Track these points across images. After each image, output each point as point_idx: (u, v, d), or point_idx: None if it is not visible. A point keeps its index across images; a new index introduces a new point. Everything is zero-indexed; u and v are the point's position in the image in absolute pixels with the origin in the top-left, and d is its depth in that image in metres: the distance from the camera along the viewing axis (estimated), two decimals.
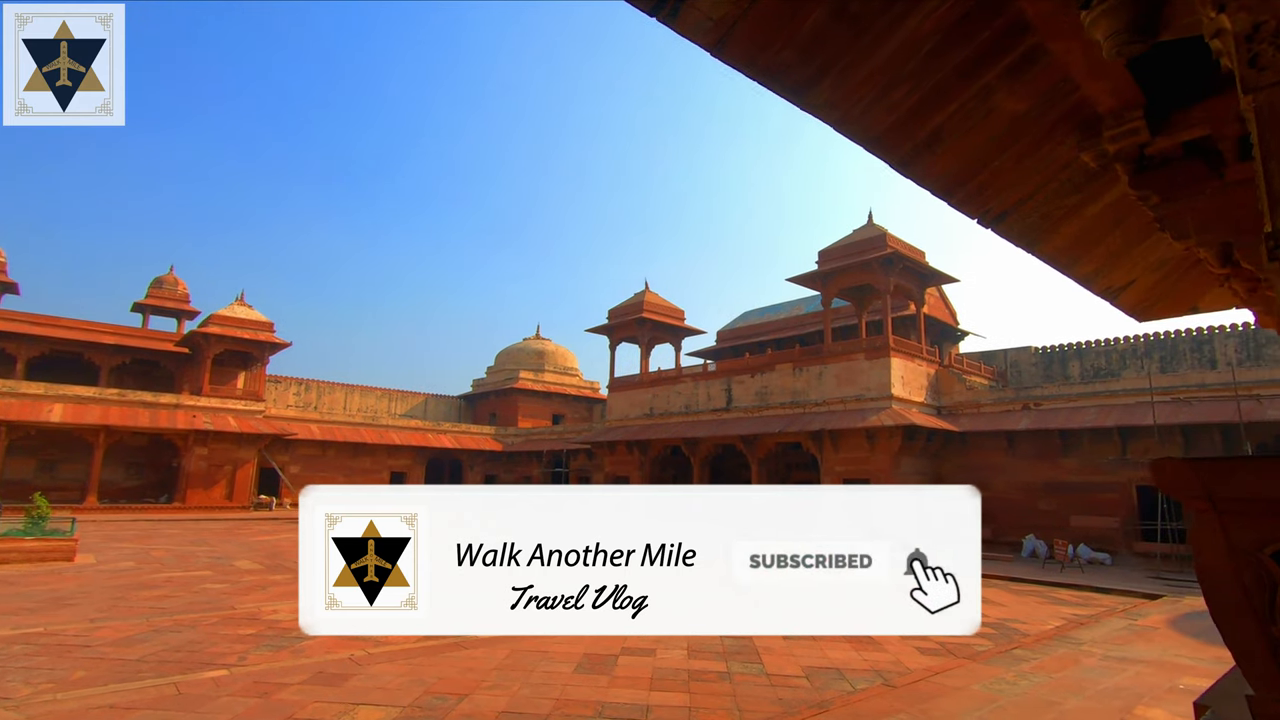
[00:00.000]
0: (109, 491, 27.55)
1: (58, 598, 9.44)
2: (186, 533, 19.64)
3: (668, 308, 30.48)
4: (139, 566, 12.62)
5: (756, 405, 24.32)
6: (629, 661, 6.87)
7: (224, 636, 7.43)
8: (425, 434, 36.72)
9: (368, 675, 6.11)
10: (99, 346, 30.27)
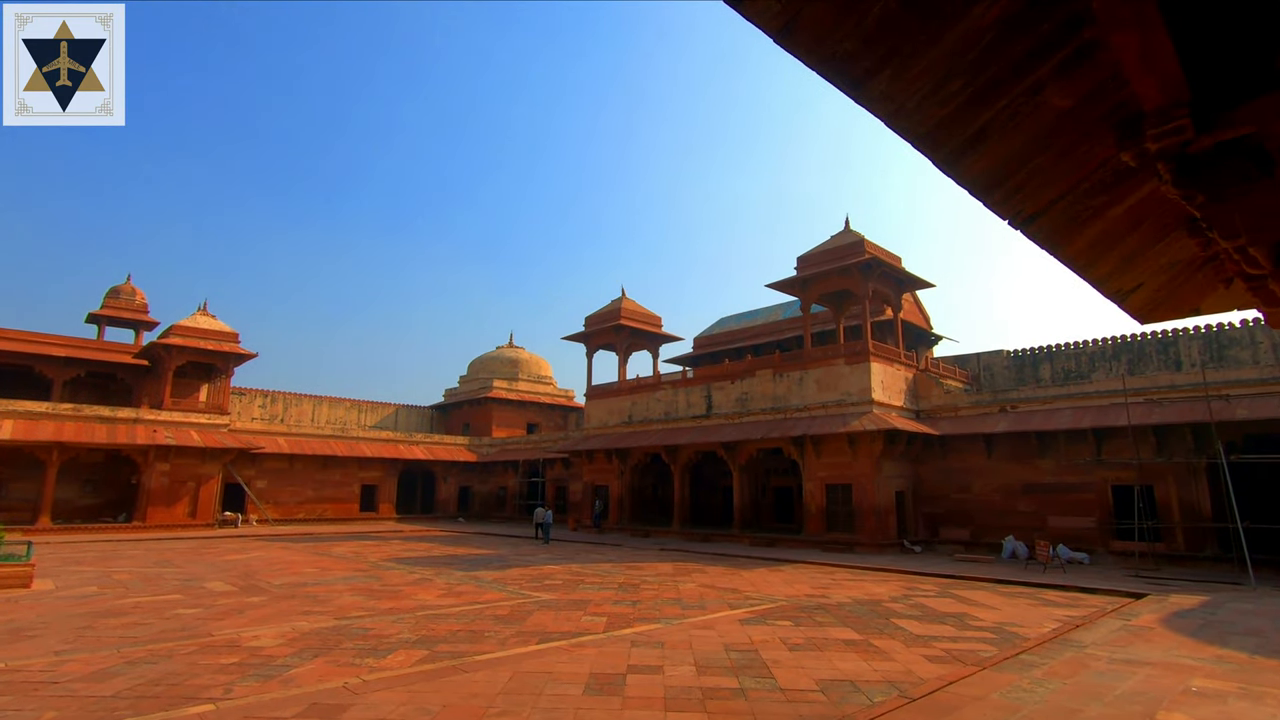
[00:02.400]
0: (63, 511, 26.27)
1: (16, 629, 8.81)
2: (150, 553, 18.76)
3: (645, 314, 30.34)
4: (103, 591, 11.94)
5: (737, 411, 24.26)
6: (638, 680, 6.63)
7: (205, 666, 6.98)
8: (397, 445, 35.92)
9: (366, 705, 5.76)
10: (50, 359, 28.94)
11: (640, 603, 11.24)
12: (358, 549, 20.61)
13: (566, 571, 15.38)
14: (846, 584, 13.79)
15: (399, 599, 11.45)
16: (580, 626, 9.24)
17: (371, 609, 10.49)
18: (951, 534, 20.39)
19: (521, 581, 13.71)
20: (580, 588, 12.91)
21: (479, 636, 8.53)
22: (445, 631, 8.81)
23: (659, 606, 10.89)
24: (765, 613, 10.44)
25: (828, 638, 8.66)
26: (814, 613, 10.47)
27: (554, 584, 13.38)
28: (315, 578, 14.00)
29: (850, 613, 10.49)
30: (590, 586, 13.08)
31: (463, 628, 9.08)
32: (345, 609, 10.45)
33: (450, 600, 11.36)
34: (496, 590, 12.53)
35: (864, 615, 10.28)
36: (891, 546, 19.58)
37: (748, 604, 11.23)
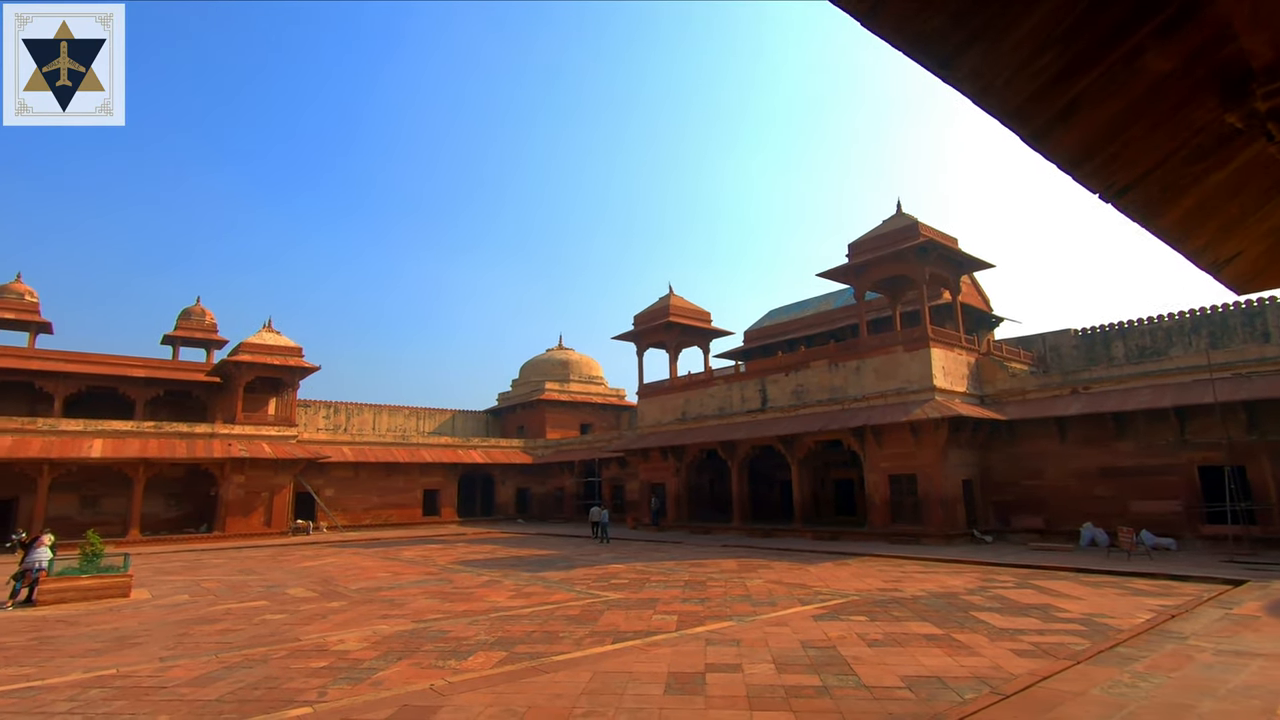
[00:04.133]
0: (150, 523, 27.76)
1: (122, 637, 9.34)
2: (231, 562, 19.65)
3: (694, 310, 30.21)
4: (194, 600, 12.55)
5: (793, 404, 23.93)
6: (718, 680, 6.59)
7: (297, 670, 7.25)
8: (455, 450, 36.72)
9: (455, 707, 5.89)
10: (132, 380, 30.58)
11: (709, 600, 11.19)
12: (425, 553, 21.14)
13: (631, 570, 15.44)
14: (918, 577, 13.45)
15: (472, 601, 11.69)
16: (652, 625, 9.25)
17: (447, 611, 10.73)
18: (1024, 522, 19.68)
19: (588, 581, 13.82)
20: (647, 586, 12.94)
21: (554, 637, 8.63)
22: (521, 633, 8.94)
23: (729, 604, 10.83)
24: (838, 608, 10.26)
25: (907, 633, 8.45)
26: (889, 607, 10.23)
27: (620, 583, 13.44)
28: (389, 582, 14.41)
29: (927, 606, 10.22)
30: (657, 585, 13.09)
31: (537, 628, 9.20)
32: (421, 612, 10.72)
33: (521, 601, 11.53)
34: (565, 591, 12.66)
35: (941, 609, 10.00)
36: (960, 537, 19.01)
37: (819, 599, 11.06)
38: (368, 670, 7.20)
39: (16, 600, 12.09)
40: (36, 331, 30.25)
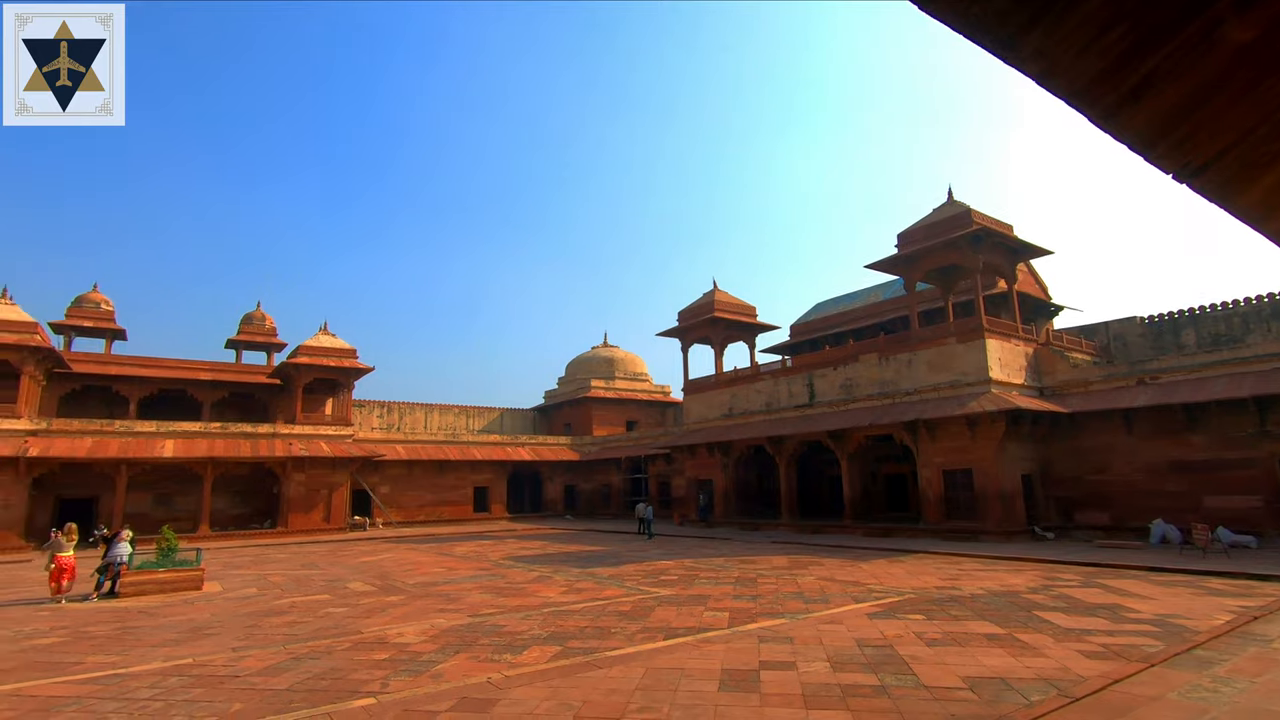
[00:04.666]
0: (218, 520, 29.05)
1: (197, 627, 9.81)
2: (294, 557, 20.41)
3: (739, 305, 29.98)
4: (262, 593, 13.09)
5: (842, 399, 23.54)
6: (772, 677, 6.54)
7: (360, 662, 7.49)
8: (505, 448, 37.32)
9: (512, 701, 5.99)
10: (200, 383, 32.02)
11: (760, 597, 11.11)
12: (477, 549, 21.57)
13: (680, 567, 15.44)
14: (977, 574, 13.08)
15: (524, 596, 11.88)
16: (704, 622, 9.24)
17: (501, 606, 10.93)
18: (1088, 518, 18.93)
19: (638, 578, 13.88)
20: (697, 583, 12.92)
21: (606, 633, 8.70)
22: (574, 628, 9.04)
23: (780, 601, 10.73)
24: (893, 606, 10.06)
25: (967, 632, 8.23)
26: (947, 605, 9.98)
27: (670, 580, 13.46)
28: (444, 577, 14.75)
29: (987, 605, 9.93)
30: (706, 581, 13.06)
31: (589, 624, 9.28)
32: (476, 607, 10.94)
33: (573, 597, 11.66)
34: (615, 586, 12.74)
35: (1003, 608, 9.70)
36: (1020, 534, 18.40)
37: (873, 597, 10.87)
38: (427, 663, 7.39)
39: (101, 592, 12.82)
40: (112, 338, 31.97)
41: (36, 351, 25.30)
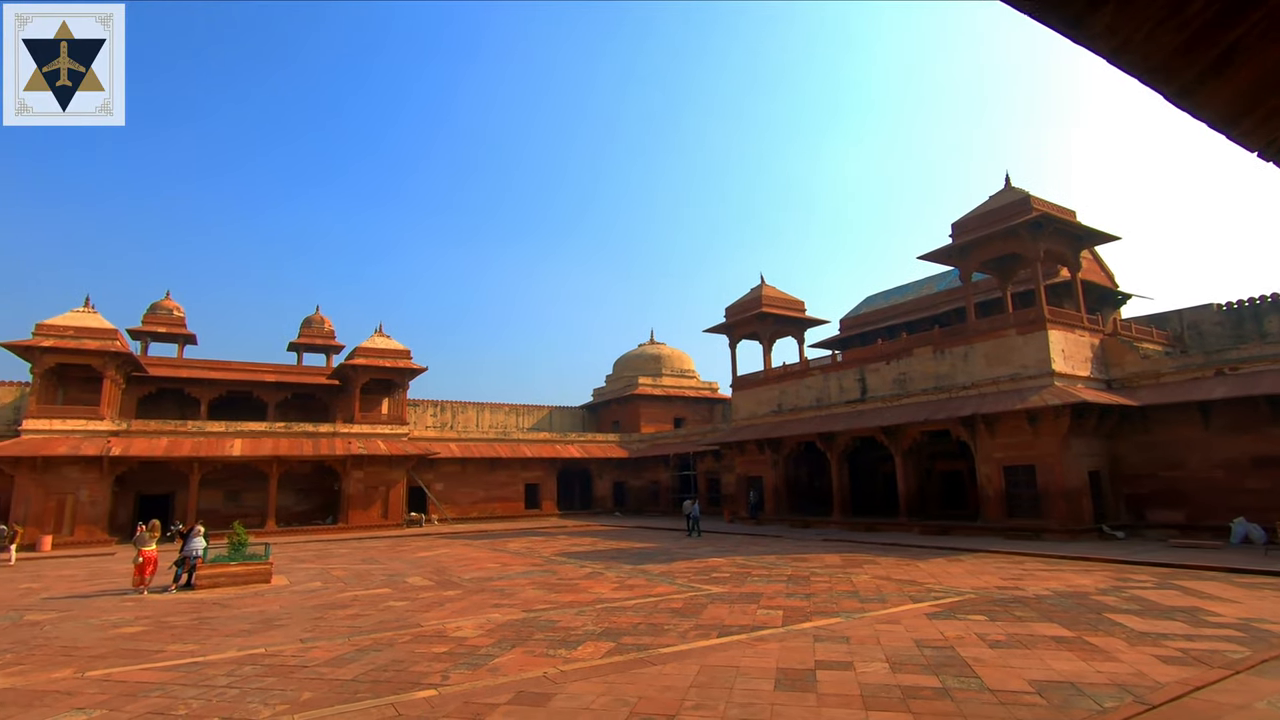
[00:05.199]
0: (283, 516, 30.26)
1: (267, 619, 10.25)
2: (355, 552, 21.11)
3: (787, 300, 29.59)
4: (326, 586, 13.59)
5: (895, 394, 23.00)
6: (829, 677, 6.44)
7: (421, 655, 7.70)
8: (554, 445, 37.77)
9: (569, 695, 6.07)
10: (264, 385, 33.41)
11: (814, 596, 10.96)
12: (529, 545, 21.90)
13: (731, 564, 15.36)
14: (1041, 574, 12.61)
15: (577, 593, 12.00)
16: (757, 620, 9.17)
17: (554, 602, 11.08)
18: (1161, 517, 18.03)
19: (689, 575, 13.87)
20: (749, 580, 12.83)
21: (659, 630, 8.72)
22: (626, 624, 9.10)
23: (835, 600, 10.56)
24: (953, 606, 9.79)
25: (1033, 634, 7.95)
26: (1010, 606, 9.66)
27: (721, 577, 13.40)
28: (498, 573, 15.04)
29: (1053, 606, 9.57)
30: (758, 579, 12.96)
31: (642, 620, 9.33)
32: (530, 602, 11.12)
33: (624, 594, 11.73)
34: (666, 584, 12.76)
35: (1070, 609, 9.33)
36: (1087, 533, 17.65)
37: (931, 597, 10.60)
38: (484, 656, 7.55)
39: (179, 584, 13.52)
40: (183, 343, 33.62)
41: (117, 357, 26.80)
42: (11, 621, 10.60)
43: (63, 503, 24.75)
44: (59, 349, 25.66)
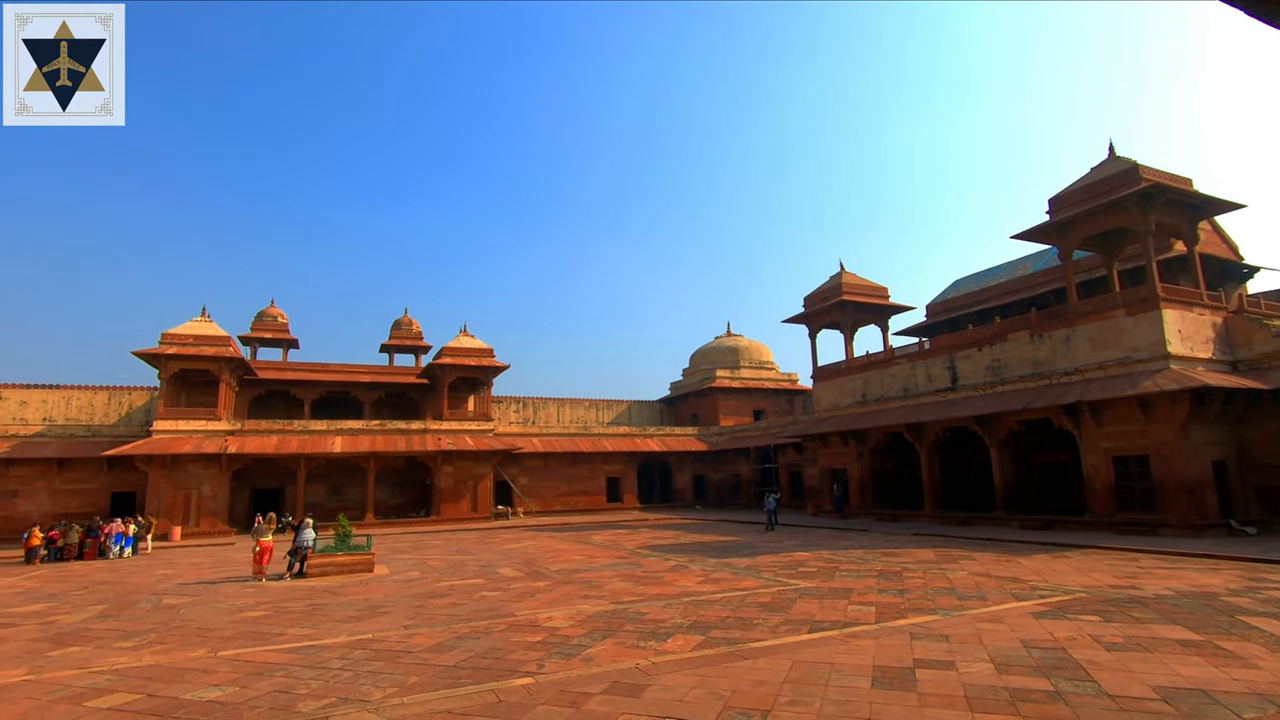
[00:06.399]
0: (381, 509, 31.94)
1: (372, 606, 10.85)
2: (448, 543, 22.02)
3: (869, 287, 28.65)
4: (423, 576, 14.25)
5: (989, 381, 21.88)
6: (929, 676, 6.22)
7: (516, 644, 7.96)
8: (634, 439, 38.11)
9: (662, 687, 6.13)
10: (360, 385, 35.32)
11: (908, 592, 10.61)
12: (613, 537, 22.21)
13: (818, 558, 15.07)
14: (1160, 573, 11.72)
15: (663, 585, 12.09)
16: (849, 616, 8.96)
17: (641, 594, 11.20)
18: None
19: (775, 569, 13.70)
20: (838, 575, 12.56)
21: (748, 624, 8.67)
22: (715, 618, 9.09)
23: (931, 596, 10.18)
24: (1062, 605, 9.25)
25: (1154, 637, 7.40)
26: (1126, 606, 9.03)
27: (809, 571, 13.17)
28: (584, 565, 15.33)
29: (1176, 607, 8.87)
30: (848, 574, 12.66)
31: (730, 614, 9.29)
32: (618, 594, 11.28)
33: (710, 587, 11.72)
34: (753, 578, 12.66)
35: (1196, 610, 8.63)
36: (1211, 528, 16.26)
37: (1037, 595, 10.04)
38: (577, 646, 7.72)
39: (292, 572, 14.52)
40: (287, 347, 35.96)
41: (231, 361, 28.97)
42: (153, 605, 11.69)
43: (188, 497, 27.03)
44: (181, 355, 27.98)
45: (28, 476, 26.99)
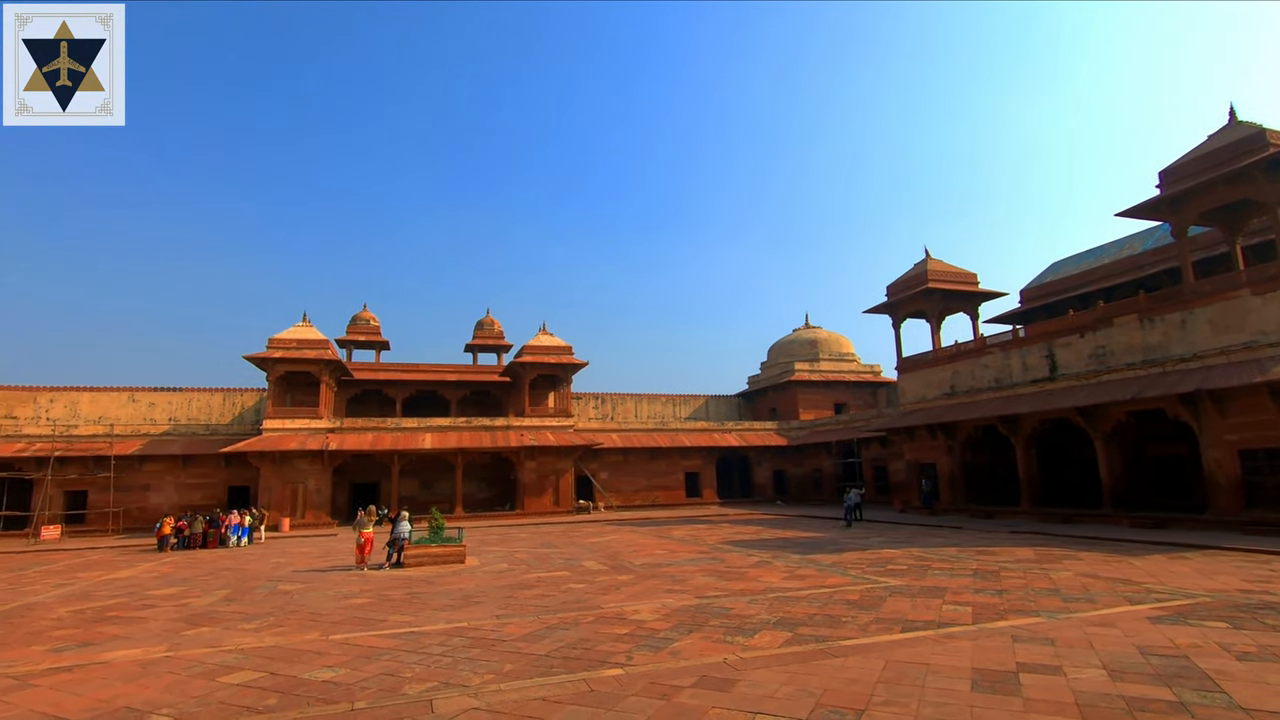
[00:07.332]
0: (468, 503, 33.18)
1: (466, 596, 11.32)
2: (533, 536, 22.65)
3: (957, 273, 27.39)
4: (511, 568, 14.73)
5: (1092, 369, 20.51)
6: (1034, 681, 5.93)
7: (604, 635, 8.12)
8: (712, 434, 37.97)
9: (751, 682, 6.11)
10: (447, 384, 36.80)
11: (1007, 592, 10.12)
12: (693, 532, 22.23)
13: (908, 556, 14.59)
14: None
15: (747, 581, 12.02)
16: (944, 616, 8.64)
17: (724, 589, 11.18)
18: None
19: (862, 566, 13.37)
20: (929, 574, 12.12)
21: (836, 621, 8.50)
22: (801, 615, 8.97)
23: (1033, 598, 9.68)
24: (1182, 610, 8.59)
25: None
26: (1259, 613, 8.29)
27: (898, 569, 12.78)
28: (666, 559, 15.44)
29: None
30: (940, 573, 12.20)
31: (817, 611, 9.15)
32: (701, 589, 11.31)
33: (795, 583, 11.56)
34: (839, 575, 12.40)
35: None
36: None
37: (1153, 598, 9.37)
38: (664, 640, 7.80)
39: (391, 562, 15.34)
40: (379, 349, 37.87)
41: (330, 364, 30.80)
42: (269, 590, 12.62)
43: (295, 490, 28.95)
44: (286, 359, 29.97)
45: (158, 472, 29.64)
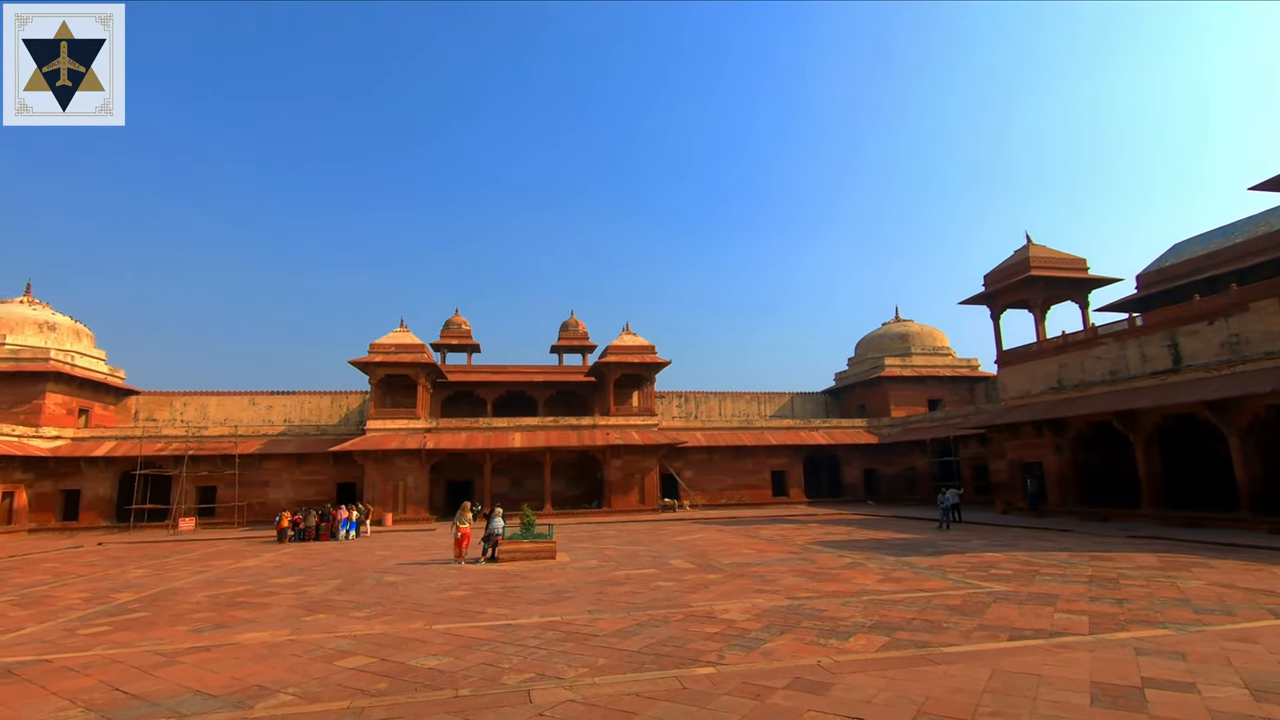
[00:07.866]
0: (557, 500, 34.00)
1: (558, 591, 11.62)
2: (621, 534, 22.95)
3: (1063, 259, 25.65)
4: (601, 565, 15.00)
5: (1223, 359, 18.71)
6: (1163, 699, 5.49)
7: (695, 634, 8.14)
8: (798, 432, 37.24)
9: (848, 686, 5.97)
10: (534, 385, 37.83)
11: (1128, 601, 9.40)
12: (781, 532, 21.88)
13: (1013, 560, 13.81)
14: None
15: (839, 582, 11.73)
16: (1056, 625, 8.13)
17: (816, 590, 10.96)
18: None
19: (962, 569, 12.76)
20: (1038, 579, 11.43)
21: (936, 627, 8.17)
22: (898, 619, 8.67)
23: (1159, 608, 8.95)
24: None
25: None
26: None
27: (1002, 574, 12.12)
28: (755, 559, 15.28)
29: None
30: (1050, 579, 11.48)
31: (916, 616, 8.82)
32: (792, 589, 11.13)
33: (891, 586, 11.18)
34: (937, 578, 11.89)
35: None
36: None
37: None
38: (755, 640, 7.74)
39: (486, 557, 15.95)
40: (471, 352, 39.40)
41: (426, 367, 32.35)
42: (376, 581, 13.40)
43: (397, 487, 30.57)
44: (386, 363, 31.72)
45: (276, 469, 32.05)
